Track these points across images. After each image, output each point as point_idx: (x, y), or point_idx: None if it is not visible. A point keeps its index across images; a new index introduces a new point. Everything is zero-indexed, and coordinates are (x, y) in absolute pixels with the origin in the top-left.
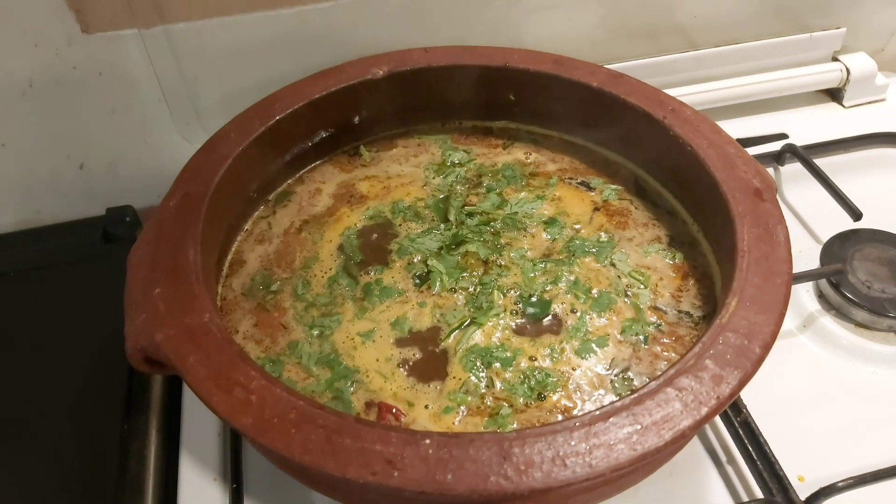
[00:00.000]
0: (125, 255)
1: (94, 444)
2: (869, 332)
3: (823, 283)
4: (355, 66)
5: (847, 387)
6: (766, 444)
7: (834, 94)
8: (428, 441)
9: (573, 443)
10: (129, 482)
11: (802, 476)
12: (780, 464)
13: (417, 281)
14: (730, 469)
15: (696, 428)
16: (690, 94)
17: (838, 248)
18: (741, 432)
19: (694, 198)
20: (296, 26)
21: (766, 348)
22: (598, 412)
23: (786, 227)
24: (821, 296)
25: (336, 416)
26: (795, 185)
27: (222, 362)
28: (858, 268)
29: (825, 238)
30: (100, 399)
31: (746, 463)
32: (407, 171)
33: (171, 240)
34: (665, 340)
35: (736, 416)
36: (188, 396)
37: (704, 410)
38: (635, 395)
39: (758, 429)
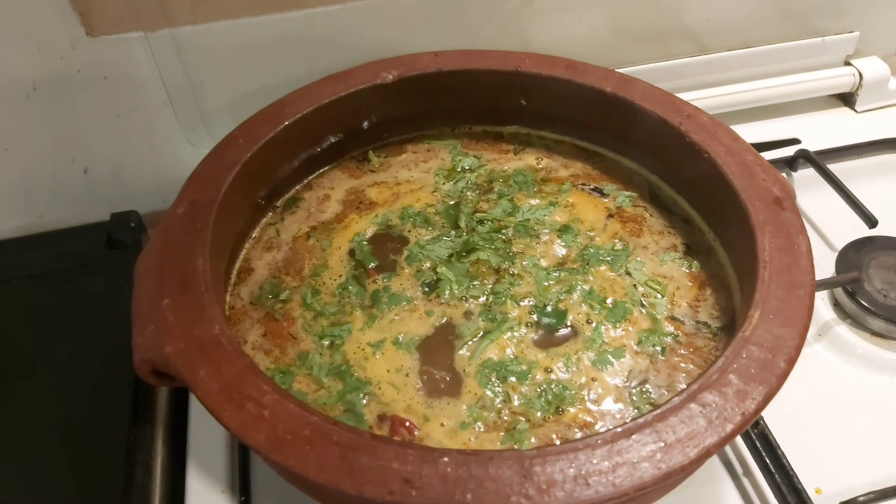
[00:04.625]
0: (130, 260)
1: (100, 454)
2: (885, 342)
3: (839, 291)
4: (364, 71)
5: (863, 397)
6: (784, 456)
7: (846, 99)
8: (446, 459)
9: (595, 461)
10: (135, 493)
11: (819, 488)
12: (798, 476)
13: (426, 289)
14: (746, 481)
15: (721, 445)
16: (700, 99)
17: (853, 256)
18: (758, 444)
19: (710, 206)
20: (304, 29)
21: (791, 362)
22: (620, 429)
23: (807, 237)
24: (836, 304)
25: (351, 432)
26: (809, 191)
27: (233, 376)
28: (874, 276)
29: (839, 245)
30: (105, 408)
31: (763, 475)
32: (416, 177)
33: (179, 248)
34: (683, 352)
35: (753, 427)
36: (195, 407)
37: (729, 427)
38: (658, 411)
39: (775, 440)
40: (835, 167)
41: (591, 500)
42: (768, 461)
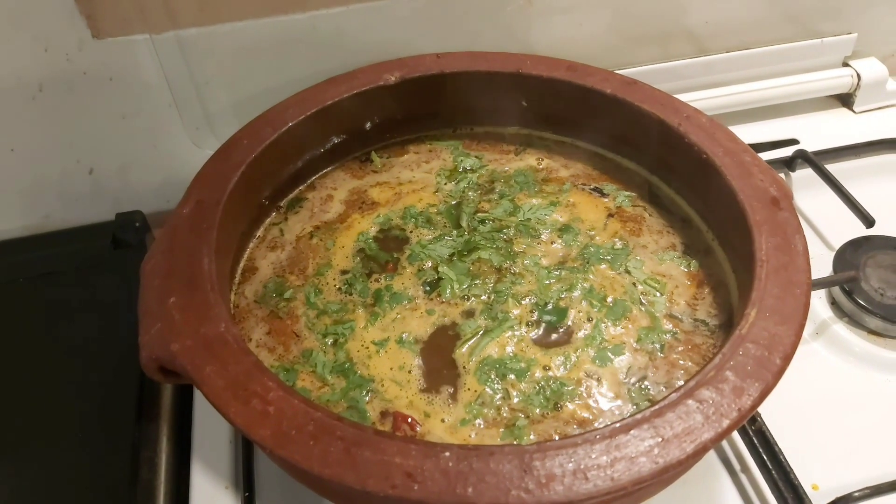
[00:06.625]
0: (135, 260)
1: (105, 451)
2: (882, 340)
3: (836, 290)
4: (367, 73)
5: (860, 395)
6: (781, 452)
7: (844, 100)
8: (448, 454)
9: (594, 455)
10: (140, 490)
11: (816, 485)
12: (795, 472)
13: (427, 288)
14: (744, 478)
15: (718, 441)
16: (700, 100)
17: (851, 255)
18: (755, 441)
19: (709, 206)
20: (307, 32)
21: (787, 359)
22: (618, 424)
23: (804, 237)
24: (833, 303)
25: (354, 427)
26: (807, 191)
27: (239, 373)
28: (871, 275)
29: (837, 245)
30: (110, 407)
31: (761, 472)
32: (418, 177)
33: (185, 248)
34: (681, 349)
35: (750, 424)
36: (199, 404)
37: (726, 423)
38: (656, 407)
39: (772, 437)
40: (833, 167)
41: (590, 494)
42: (766, 458)
